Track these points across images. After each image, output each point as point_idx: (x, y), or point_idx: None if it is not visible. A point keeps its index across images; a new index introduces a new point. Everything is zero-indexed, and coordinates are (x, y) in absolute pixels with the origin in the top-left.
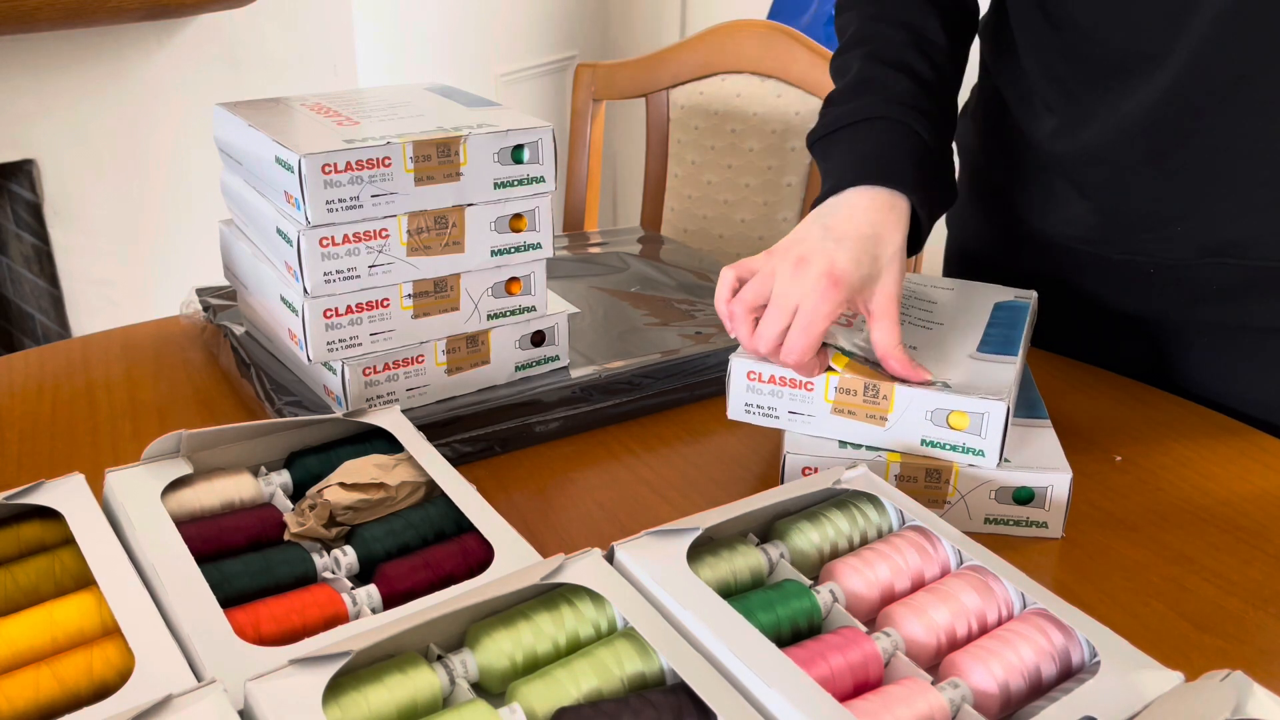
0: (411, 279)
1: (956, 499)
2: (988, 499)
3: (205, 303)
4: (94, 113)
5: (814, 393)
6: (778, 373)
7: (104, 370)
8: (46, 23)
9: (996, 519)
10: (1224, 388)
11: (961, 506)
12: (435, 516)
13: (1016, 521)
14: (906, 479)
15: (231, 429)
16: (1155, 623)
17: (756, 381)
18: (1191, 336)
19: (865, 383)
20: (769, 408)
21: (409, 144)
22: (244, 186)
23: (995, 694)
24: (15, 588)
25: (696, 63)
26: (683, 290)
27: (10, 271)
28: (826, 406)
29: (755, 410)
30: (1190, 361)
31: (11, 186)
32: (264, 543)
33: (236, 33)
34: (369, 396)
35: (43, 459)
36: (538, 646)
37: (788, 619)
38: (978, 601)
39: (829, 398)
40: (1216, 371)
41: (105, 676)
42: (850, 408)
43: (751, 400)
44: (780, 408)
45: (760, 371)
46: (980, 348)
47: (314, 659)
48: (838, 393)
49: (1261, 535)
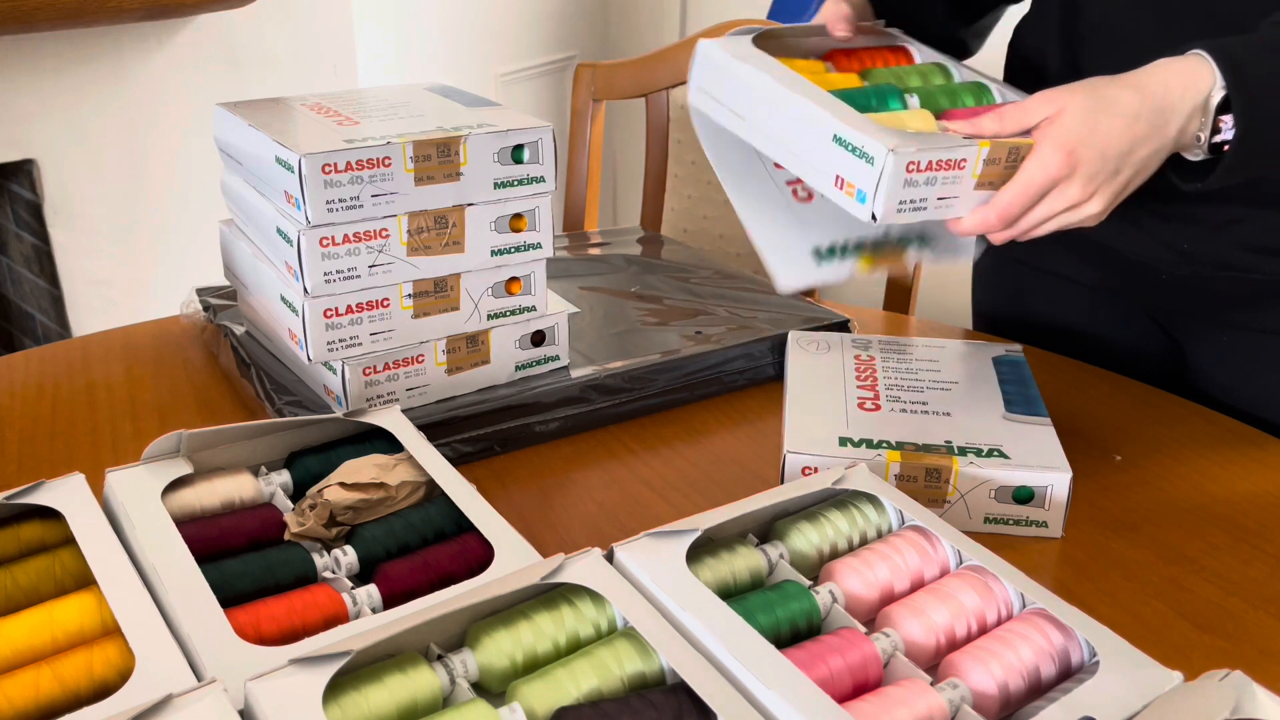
0: (411, 279)
1: (956, 498)
2: (987, 498)
3: (205, 303)
4: (94, 113)
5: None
6: (934, 157)
7: (104, 370)
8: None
9: (996, 518)
10: (1226, 387)
11: (961, 506)
12: (435, 516)
13: (1016, 521)
14: (906, 478)
15: (231, 429)
16: (1155, 623)
17: (915, 172)
18: (1209, 337)
19: (1009, 148)
20: (921, 200)
21: (409, 144)
22: (244, 186)
23: (994, 694)
24: (15, 588)
25: None
26: (683, 290)
27: (10, 271)
28: (972, 182)
29: (907, 206)
30: (1206, 362)
31: (11, 186)
32: (264, 543)
33: (236, 33)
34: (369, 396)
35: (43, 459)
36: (538, 646)
37: (787, 620)
38: (977, 601)
39: (976, 173)
40: (1233, 373)
41: (105, 676)
42: (992, 179)
43: (906, 197)
44: (930, 196)
45: (919, 161)
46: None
47: (314, 659)
48: (985, 165)
49: (1261, 535)
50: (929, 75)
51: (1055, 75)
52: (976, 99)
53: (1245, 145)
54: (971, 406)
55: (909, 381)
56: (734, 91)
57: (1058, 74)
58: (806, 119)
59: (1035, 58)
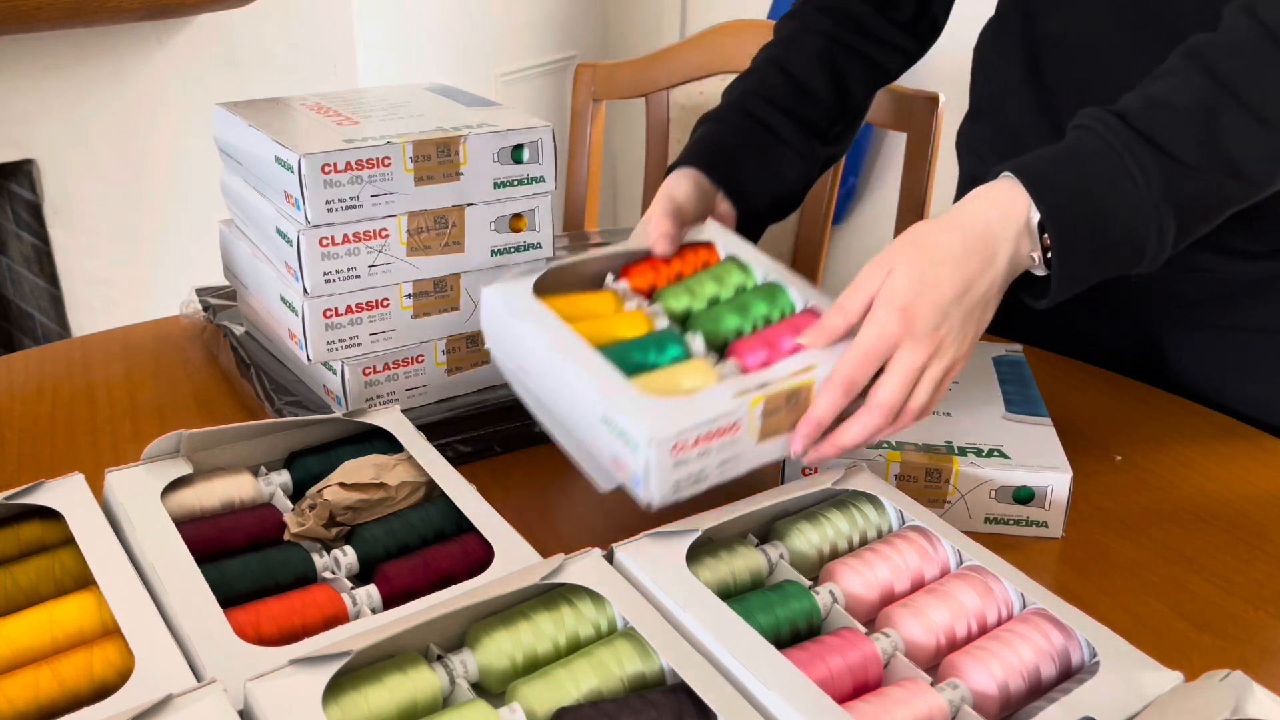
0: (411, 279)
1: (956, 498)
2: (988, 498)
3: (205, 303)
4: (94, 113)
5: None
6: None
7: (104, 370)
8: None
9: (996, 518)
10: (1221, 386)
11: (961, 506)
12: (435, 516)
13: (1016, 521)
14: (906, 478)
15: (231, 429)
16: (1155, 623)
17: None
18: (1185, 336)
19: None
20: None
21: (409, 144)
22: (244, 186)
23: (994, 695)
24: (15, 588)
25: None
26: None
27: (10, 271)
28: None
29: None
30: (1186, 361)
31: (11, 186)
32: (264, 543)
33: (236, 33)
34: (369, 396)
35: (43, 459)
36: (538, 646)
37: (787, 620)
38: (977, 602)
39: (755, 429)
40: (1213, 370)
41: (105, 676)
42: (779, 426)
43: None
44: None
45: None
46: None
47: (314, 659)
48: (765, 418)
49: (1261, 535)
50: (725, 277)
51: (1017, 86)
52: (769, 304)
53: (1069, 260)
54: (971, 406)
55: None
56: (515, 348)
57: (1020, 84)
58: (577, 394)
59: (998, 68)
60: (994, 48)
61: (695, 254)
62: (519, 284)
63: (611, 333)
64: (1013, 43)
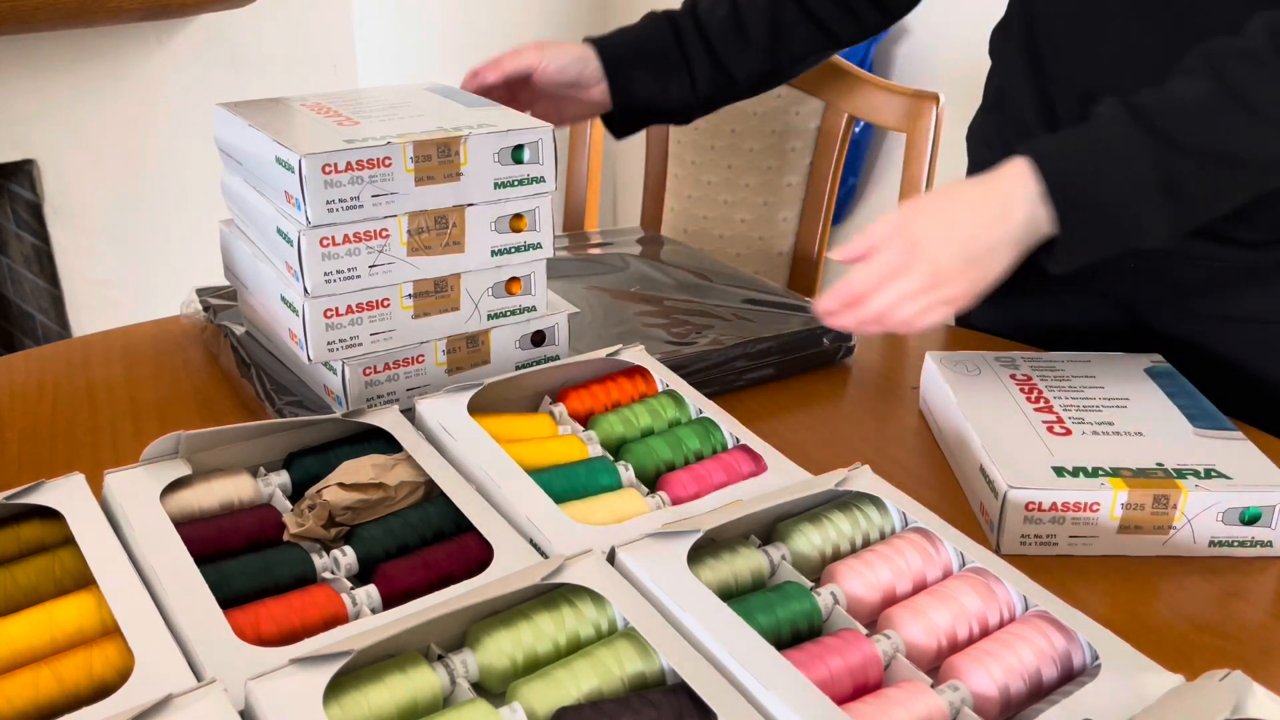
0: (411, 279)
1: (1183, 524)
2: (1214, 522)
3: (205, 303)
4: (94, 113)
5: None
6: (1058, 499)
7: (104, 370)
8: (46, 23)
9: (1222, 541)
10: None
11: (1187, 531)
12: (435, 516)
13: (1242, 543)
14: (1134, 506)
15: (230, 429)
16: (1155, 623)
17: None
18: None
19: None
20: (1048, 536)
21: (409, 144)
22: (244, 186)
23: (995, 697)
24: (15, 588)
25: None
26: (683, 290)
27: (10, 271)
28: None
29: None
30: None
31: (11, 186)
32: (263, 543)
33: (236, 33)
34: (369, 396)
35: (43, 459)
36: (538, 646)
37: (788, 621)
38: (979, 604)
39: (1115, 515)
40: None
41: (105, 676)
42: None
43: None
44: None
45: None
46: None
47: (314, 659)
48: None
49: None
50: (661, 409)
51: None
52: (702, 440)
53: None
54: (1156, 425)
55: (1081, 401)
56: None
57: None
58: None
59: (1006, 63)
60: (1002, 42)
61: (632, 383)
62: (454, 400)
63: (546, 457)
64: (1016, 41)
